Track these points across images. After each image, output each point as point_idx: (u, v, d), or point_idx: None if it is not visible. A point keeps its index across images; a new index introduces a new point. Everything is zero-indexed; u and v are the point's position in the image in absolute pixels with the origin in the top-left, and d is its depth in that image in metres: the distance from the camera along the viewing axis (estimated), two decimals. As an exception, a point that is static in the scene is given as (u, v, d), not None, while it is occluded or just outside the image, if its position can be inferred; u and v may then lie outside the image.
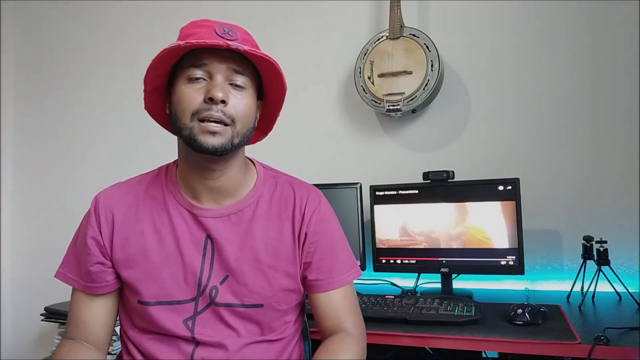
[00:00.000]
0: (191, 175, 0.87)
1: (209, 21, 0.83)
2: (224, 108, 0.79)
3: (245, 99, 0.83)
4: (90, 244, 0.86)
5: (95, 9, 2.25)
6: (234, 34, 0.82)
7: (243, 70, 0.82)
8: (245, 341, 0.86)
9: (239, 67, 0.82)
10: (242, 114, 0.82)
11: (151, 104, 0.89)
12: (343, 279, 0.92)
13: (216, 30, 0.80)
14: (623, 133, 1.52)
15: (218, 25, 0.81)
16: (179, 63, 0.83)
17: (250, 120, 0.85)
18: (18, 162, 2.35)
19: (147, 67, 0.80)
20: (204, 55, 0.80)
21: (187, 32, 0.82)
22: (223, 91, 0.79)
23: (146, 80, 0.83)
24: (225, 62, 0.80)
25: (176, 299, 0.85)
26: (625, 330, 1.06)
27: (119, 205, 0.88)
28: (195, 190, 0.87)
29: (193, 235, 0.86)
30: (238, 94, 0.82)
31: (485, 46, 1.68)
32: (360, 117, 1.82)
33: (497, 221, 1.42)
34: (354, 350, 0.86)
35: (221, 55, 0.80)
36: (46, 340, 2.16)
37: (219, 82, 0.79)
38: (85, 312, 0.88)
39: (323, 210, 0.94)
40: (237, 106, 0.81)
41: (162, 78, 0.85)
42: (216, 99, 0.77)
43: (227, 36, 0.80)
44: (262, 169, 0.96)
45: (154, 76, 0.83)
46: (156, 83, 0.85)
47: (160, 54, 0.78)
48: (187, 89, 0.80)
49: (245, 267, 0.86)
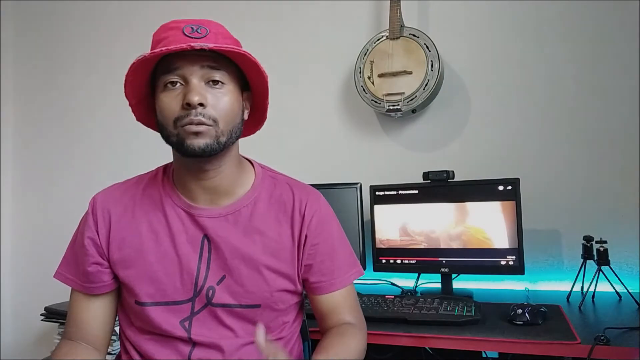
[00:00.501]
0: (186, 176, 0.87)
1: (178, 21, 0.81)
2: (203, 111, 0.78)
3: (225, 95, 0.81)
4: (87, 244, 0.86)
5: (95, 9, 2.25)
6: (202, 30, 0.80)
7: (218, 66, 0.80)
8: (242, 341, 0.86)
9: (213, 62, 0.80)
10: (224, 112, 0.80)
11: (142, 115, 0.90)
12: (344, 280, 0.93)
13: (184, 31, 0.79)
14: (623, 133, 1.52)
15: (186, 25, 0.80)
16: (155, 71, 0.83)
17: (235, 115, 0.83)
18: (18, 162, 2.35)
19: (124, 81, 0.80)
20: (175, 59, 0.79)
21: (158, 38, 0.81)
22: (199, 94, 0.77)
23: (127, 94, 0.83)
24: (197, 63, 0.79)
25: (173, 300, 0.85)
26: (625, 330, 1.06)
27: (116, 206, 0.89)
28: (191, 191, 0.87)
29: (189, 235, 0.86)
30: (217, 92, 0.80)
31: (485, 46, 1.68)
32: (360, 117, 1.82)
33: (497, 221, 1.41)
34: (358, 337, 0.88)
35: (192, 56, 0.78)
36: (46, 340, 2.16)
37: (194, 86, 0.78)
38: (83, 312, 0.88)
39: (323, 212, 0.94)
40: (217, 105, 0.80)
41: (144, 88, 0.85)
42: (193, 103, 0.77)
43: (196, 34, 0.79)
44: (261, 169, 0.96)
45: (133, 88, 0.83)
46: (139, 95, 0.85)
47: (131, 67, 0.78)
48: (165, 97, 0.80)
49: (243, 267, 0.86)
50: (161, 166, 0.95)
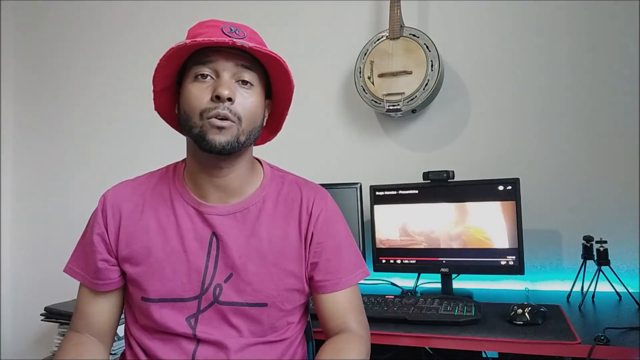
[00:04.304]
0: (199, 173, 0.88)
1: (217, 21, 0.83)
2: (231, 106, 0.80)
3: (252, 97, 0.83)
4: (96, 241, 0.87)
5: (96, 9, 2.25)
6: (240, 32, 0.82)
7: (250, 66, 0.83)
8: (246, 341, 0.86)
9: (247, 63, 0.82)
10: (249, 111, 0.82)
11: (160, 104, 0.90)
12: (350, 280, 0.92)
13: (223, 30, 0.81)
14: (623, 133, 1.52)
15: (225, 25, 0.82)
16: (186, 62, 0.84)
17: (257, 118, 0.85)
18: (18, 162, 2.35)
19: (155, 67, 0.81)
20: (211, 53, 0.81)
21: (195, 32, 0.83)
22: (230, 89, 0.79)
23: (155, 80, 0.84)
24: (231, 60, 0.81)
25: (180, 297, 0.85)
26: (625, 330, 1.06)
27: (127, 202, 0.89)
28: (202, 188, 0.88)
29: (198, 232, 0.87)
30: (245, 92, 0.82)
31: (485, 46, 1.68)
32: (360, 117, 1.82)
33: (497, 221, 1.42)
34: (359, 349, 0.86)
35: (228, 53, 0.81)
36: (46, 340, 2.16)
37: (226, 80, 0.80)
38: (90, 306, 0.90)
39: (330, 211, 0.94)
40: (244, 104, 0.81)
41: (171, 78, 0.86)
42: (222, 96, 0.78)
43: (234, 35, 0.81)
44: (269, 168, 0.97)
45: (163, 76, 0.84)
46: (165, 83, 0.86)
47: (167, 54, 0.79)
48: (194, 88, 0.81)
49: (250, 265, 0.86)
50: (172, 164, 0.96)
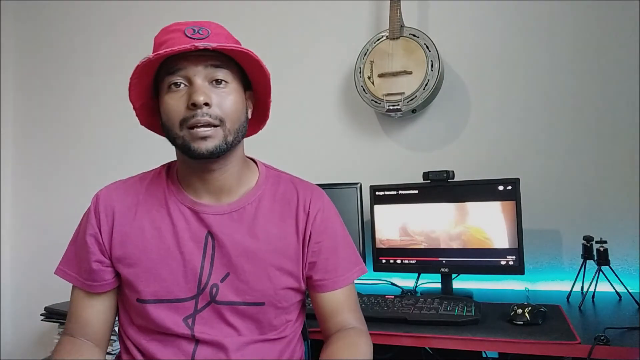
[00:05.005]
0: (191, 175, 0.88)
1: (179, 24, 0.82)
2: (209, 110, 0.79)
3: (229, 94, 0.82)
4: (89, 242, 0.87)
5: (95, 8, 2.25)
6: (204, 31, 0.81)
7: (222, 64, 0.81)
8: (245, 340, 0.86)
9: (216, 61, 0.81)
10: (229, 110, 0.81)
11: (145, 118, 0.90)
12: (348, 278, 0.93)
13: (186, 32, 0.80)
14: (623, 133, 1.52)
15: (188, 27, 0.81)
16: (159, 74, 0.83)
17: (240, 114, 0.84)
18: (18, 161, 2.35)
19: (128, 85, 0.81)
20: (179, 60, 0.79)
21: (160, 40, 0.82)
22: (204, 93, 0.78)
23: (131, 98, 0.84)
24: (200, 63, 0.80)
25: (176, 297, 0.85)
26: (625, 330, 1.06)
27: (120, 203, 0.89)
28: (196, 189, 0.88)
29: (193, 232, 0.86)
30: (221, 92, 0.81)
31: (485, 46, 1.68)
32: (360, 117, 1.82)
33: (497, 221, 1.42)
34: (369, 344, 0.88)
35: (195, 56, 0.79)
36: (46, 340, 2.16)
37: (199, 85, 0.79)
38: (84, 309, 0.88)
39: (327, 209, 0.94)
40: (222, 104, 0.80)
41: (147, 92, 0.86)
42: (198, 103, 0.77)
43: (197, 36, 0.79)
44: (265, 168, 0.97)
45: (138, 93, 0.84)
46: (143, 99, 0.86)
47: (135, 71, 0.78)
48: (170, 99, 0.80)
49: (247, 264, 0.86)
50: (165, 164, 0.95)
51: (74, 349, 0.86)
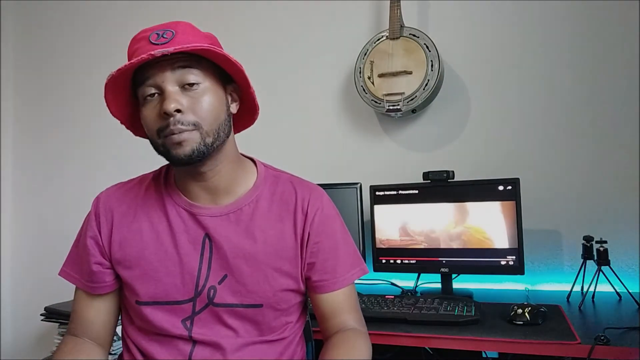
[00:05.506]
0: (185, 178, 0.88)
1: (145, 31, 0.80)
2: (182, 117, 0.77)
3: (203, 95, 0.80)
4: (89, 244, 0.87)
5: (95, 8, 2.25)
6: (168, 34, 0.78)
7: (190, 64, 0.79)
8: (243, 341, 0.86)
9: (184, 62, 0.79)
10: (204, 112, 0.79)
11: (137, 129, 0.90)
12: (347, 278, 0.92)
13: (150, 39, 0.78)
14: (623, 133, 1.52)
15: (152, 32, 0.79)
16: (134, 84, 0.83)
17: (219, 113, 0.82)
18: (18, 162, 2.35)
19: (106, 104, 0.82)
20: (146, 70, 0.79)
21: (130, 51, 0.81)
22: (175, 100, 0.77)
23: (113, 113, 0.85)
24: (167, 68, 0.78)
25: (174, 299, 0.85)
26: (625, 330, 1.06)
27: (119, 205, 0.89)
28: (192, 191, 0.88)
29: (191, 234, 0.86)
30: (194, 94, 0.79)
31: (485, 46, 1.68)
32: (360, 117, 1.82)
33: (497, 221, 1.42)
34: (368, 346, 0.88)
35: (161, 63, 0.78)
36: (46, 340, 2.16)
37: (169, 93, 0.78)
38: (87, 310, 0.89)
39: (326, 209, 0.92)
40: (195, 108, 0.79)
41: (131, 104, 0.86)
42: (169, 112, 0.76)
43: (161, 40, 0.77)
44: (263, 167, 0.95)
45: (119, 107, 0.84)
46: (125, 114, 0.87)
47: (105, 90, 0.79)
48: (146, 110, 0.80)
49: (245, 266, 0.86)
50: (164, 166, 0.95)
51: (75, 348, 0.86)
